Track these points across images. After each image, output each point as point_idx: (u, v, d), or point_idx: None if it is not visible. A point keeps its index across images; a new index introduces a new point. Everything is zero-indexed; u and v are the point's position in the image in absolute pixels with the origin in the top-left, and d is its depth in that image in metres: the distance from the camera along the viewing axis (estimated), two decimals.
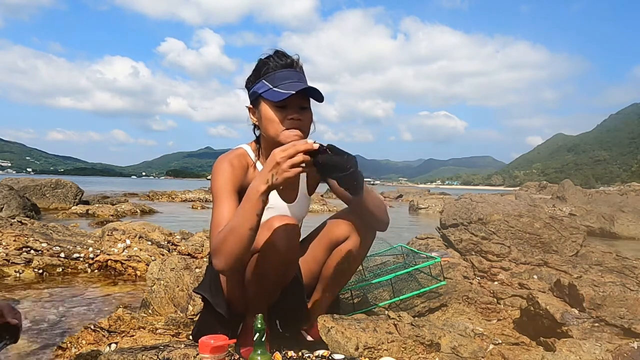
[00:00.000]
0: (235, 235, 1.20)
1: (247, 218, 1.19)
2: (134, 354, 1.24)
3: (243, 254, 1.22)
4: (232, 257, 1.21)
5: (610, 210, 8.28)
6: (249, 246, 1.22)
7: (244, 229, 1.19)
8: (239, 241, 1.20)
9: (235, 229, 1.21)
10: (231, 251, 1.21)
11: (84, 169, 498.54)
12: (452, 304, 2.19)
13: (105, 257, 3.30)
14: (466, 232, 3.56)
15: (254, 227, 1.19)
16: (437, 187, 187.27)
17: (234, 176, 1.38)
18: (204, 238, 3.96)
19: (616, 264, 3.12)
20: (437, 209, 11.66)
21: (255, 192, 1.17)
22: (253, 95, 1.43)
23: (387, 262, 2.65)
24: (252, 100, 1.45)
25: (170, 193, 15.18)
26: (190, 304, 2.01)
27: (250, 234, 1.20)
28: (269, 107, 1.37)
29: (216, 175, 1.38)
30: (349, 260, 1.54)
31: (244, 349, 1.38)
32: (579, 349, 1.55)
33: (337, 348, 1.38)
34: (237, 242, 1.20)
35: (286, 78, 1.37)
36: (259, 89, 1.39)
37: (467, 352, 1.55)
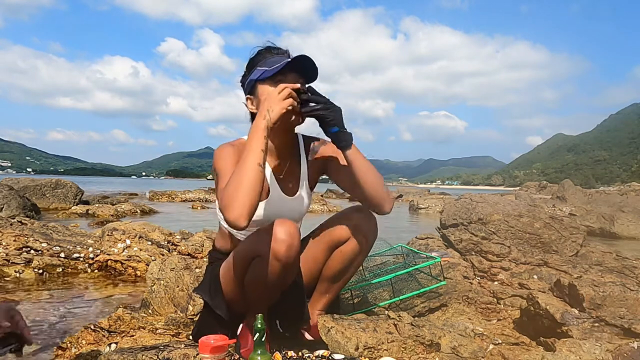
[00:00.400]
0: (245, 174, 1.21)
1: (253, 155, 1.23)
2: (134, 354, 1.25)
3: (255, 196, 1.20)
4: (245, 201, 1.18)
5: (610, 210, 8.28)
6: (259, 185, 1.21)
7: (252, 166, 1.21)
8: (250, 179, 1.20)
9: (243, 168, 1.22)
10: (243, 194, 1.19)
11: (84, 169, 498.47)
12: (452, 304, 2.19)
13: (105, 257, 3.30)
14: (466, 232, 3.56)
15: (262, 162, 1.22)
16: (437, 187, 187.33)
17: (237, 157, 1.37)
18: (204, 238, 3.96)
19: (616, 264, 3.12)
20: (437, 209, 11.66)
21: (255, 129, 1.26)
22: (249, 84, 1.45)
23: (387, 262, 2.65)
24: (249, 91, 1.47)
25: (170, 193, 15.17)
26: (190, 304, 2.01)
27: (259, 170, 1.21)
28: (267, 87, 1.39)
29: (219, 156, 1.39)
30: (349, 261, 1.54)
31: (244, 349, 1.38)
32: (579, 349, 1.55)
33: (337, 348, 1.38)
34: (247, 181, 1.20)
35: (279, 60, 1.40)
36: (255, 76, 1.42)
37: (467, 352, 1.55)
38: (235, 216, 1.18)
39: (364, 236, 1.50)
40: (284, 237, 1.25)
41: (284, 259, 1.27)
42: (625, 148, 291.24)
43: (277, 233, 1.26)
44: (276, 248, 1.25)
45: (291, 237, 1.26)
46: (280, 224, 1.28)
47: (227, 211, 1.19)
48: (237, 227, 1.19)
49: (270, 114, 1.26)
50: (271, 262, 1.27)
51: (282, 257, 1.26)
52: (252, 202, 1.19)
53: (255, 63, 1.45)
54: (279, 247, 1.25)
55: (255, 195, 1.20)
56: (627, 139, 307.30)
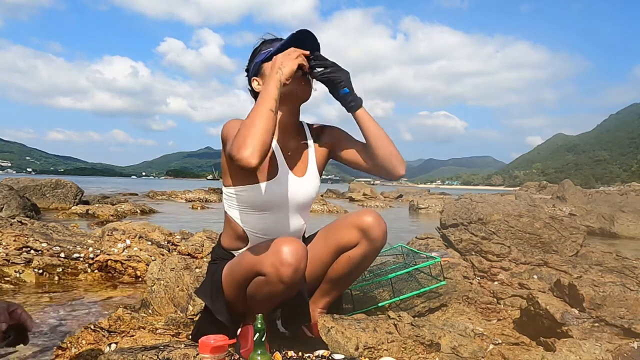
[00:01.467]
0: (258, 117, 1.22)
1: (267, 101, 1.25)
2: (134, 354, 1.24)
3: (268, 138, 1.21)
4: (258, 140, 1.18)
5: (610, 210, 8.28)
6: (272, 128, 1.22)
7: (265, 109, 1.23)
8: (263, 121, 1.21)
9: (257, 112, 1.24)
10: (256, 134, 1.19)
11: (84, 169, 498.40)
12: (452, 304, 2.19)
13: (105, 257, 3.30)
14: (466, 232, 3.56)
15: (274, 109, 1.24)
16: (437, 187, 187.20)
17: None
18: (204, 238, 3.96)
19: (616, 264, 3.12)
20: (437, 209, 11.65)
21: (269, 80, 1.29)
22: (255, 67, 1.48)
23: (387, 262, 2.65)
24: (254, 73, 1.49)
25: (170, 193, 15.17)
26: (190, 304, 2.01)
27: (272, 114, 1.23)
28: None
29: (228, 126, 1.40)
30: (356, 266, 1.53)
31: (244, 349, 1.38)
32: (579, 349, 1.55)
33: (337, 348, 1.38)
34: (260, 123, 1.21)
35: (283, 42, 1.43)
36: (260, 58, 1.46)
37: (467, 352, 1.55)
38: (248, 154, 1.17)
39: (372, 242, 1.48)
40: (291, 260, 1.23)
41: (290, 282, 1.25)
42: (625, 148, 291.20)
43: (284, 254, 1.23)
44: (282, 271, 1.23)
45: (298, 261, 1.24)
46: (287, 243, 1.25)
47: (240, 150, 1.17)
48: (249, 165, 1.17)
49: (283, 69, 1.29)
50: (276, 283, 1.26)
51: (287, 280, 1.24)
52: (265, 141, 1.19)
53: (259, 50, 1.48)
54: (285, 270, 1.23)
55: (268, 136, 1.20)
56: (627, 139, 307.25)
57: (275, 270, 1.24)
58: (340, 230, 1.51)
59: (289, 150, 1.49)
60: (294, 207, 1.49)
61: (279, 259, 1.23)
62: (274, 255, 1.25)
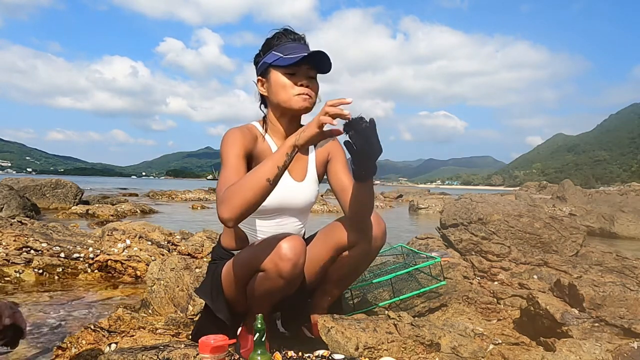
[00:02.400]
0: (251, 182, 1.19)
1: (267, 168, 1.19)
2: (134, 354, 1.24)
3: (252, 204, 1.18)
4: (240, 206, 1.17)
5: (610, 210, 8.28)
6: (260, 197, 1.19)
7: (259, 178, 1.19)
8: (253, 188, 1.18)
9: (252, 177, 1.20)
10: (241, 198, 1.17)
11: (84, 169, 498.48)
12: (452, 304, 2.19)
13: (105, 257, 3.30)
14: (466, 232, 3.56)
15: (272, 179, 1.19)
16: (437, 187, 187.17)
17: (244, 141, 1.39)
18: (204, 238, 3.96)
19: (616, 264, 3.12)
20: (437, 209, 11.65)
21: (283, 147, 1.20)
22: (263, 66, 1.46)
23: (387, 262, 2.65)
24: (261, 72, 1.48)
25: (170, 193, 15.17)
26: (190, 304, 2.01)
27: (266, 185, 1.18)
28: (280, 74, 1.41)
29: (226, 141, 1.39)
30: (356, 266, 1.53)
31: (244, 349, 1.38)
32: (579, 349, 1.55)
33: (337, 348, 1.38)
34: (250, 189, 1.18)
35: (295, 48, 1.41)
36: (269, 59, 1.43)
37: (467, 352, 1.55)
38: (227, 216, 1.17)
39: (372, 242, 1.48)
40: (289, 255, 1.24)
41: (289, 277, 1.26)
42: (625, 148, 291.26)
43: (282, 250, 1.24)
44: (281, 266, 1.24)
45: (297, 256, 1.25)
46: (286, 240, 1.26)
47: (221, 207, 1.19)
48: (224, 224, 1.20)
49: (301, 135, 1.18)
50: (275, 279, 1.27)
51: (286, 276, 1.25)
52: (246, 208, 1.18)
53: (271, 45, 1.45)
54: (284, 265, 1.24)
55: (251, 205, 1.18)
56: (627, 139, 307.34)
57: (274, 265, 1.25)
58: (339, 230, 1.51)
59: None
60: (292, 211, 1.51)
61: (278, 254, 1.25)
62: (273, 251, 1.26)
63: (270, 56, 1.43)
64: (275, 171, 1.19)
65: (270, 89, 1.45)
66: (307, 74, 1.41)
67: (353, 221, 1.45)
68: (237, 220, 1.19)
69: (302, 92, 1.40)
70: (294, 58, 1.36)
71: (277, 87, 1.42)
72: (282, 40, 1.43)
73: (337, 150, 1.56)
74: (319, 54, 1.36)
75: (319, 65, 1.42)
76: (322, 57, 1.38)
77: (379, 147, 1.19)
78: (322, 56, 1.37)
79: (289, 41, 1.43)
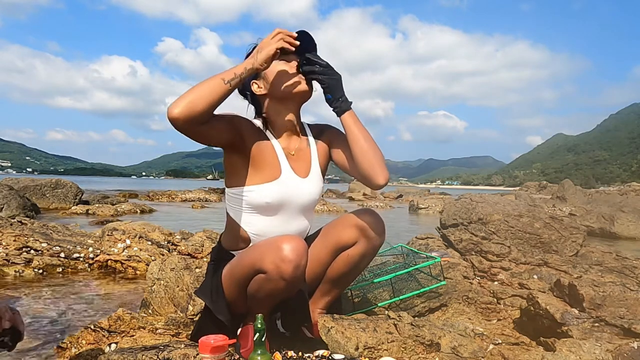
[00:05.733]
0: (206, 81, 1.22)
1: (225, 72, 1.25)
2: (134, 354, 1.24)
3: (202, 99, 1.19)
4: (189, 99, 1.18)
5: (610, 210, 8.27)
6: (215, 93, 1.21)
7: (216, 77, 1.23)
8: (207, 85, 1.21)
9: (209, 78, 1.24)
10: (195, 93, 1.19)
11: (84, 169, 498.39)
12: (452, 304, 2.19)
13: (105, 257, 3.30)
14: (466, 232, 3.56)
15: (227, 79, 1.23)
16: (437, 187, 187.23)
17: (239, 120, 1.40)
18: (204, 238, 3.95)
19: (616, 264, 3.12)
20: (437, 209, 11.65)
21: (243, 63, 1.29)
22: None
23: (387, 262, 2.65)
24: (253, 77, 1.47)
25: (170, 193, 15.17)
26: (190, 304, 2.01)
27: (222, 83, 1.22)
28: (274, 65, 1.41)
29: None
30: (355, 265, 1.53)
31: (244, 349, 1.38)
32: (579, 349, 1.55)
33: (337, 348, 1.38)
34: (203, 85, 1.21)
35: None
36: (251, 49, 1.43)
37: (467, 352, 1.55)
38: (172, 105, 1.18)
39: (371, 240, 1.48)
40: (292, 257, 1.23)
41: (290, 279, 1.25)
42: (625, 148, 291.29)
43: (284, 251, 1.24)
44: (283, 268, 1.23)
45: (299, 257, 1.24)
46: (287, 241, 1.26)
47: (173, 103, 1.19)
48: (168, 115, 1.17)
49: (259, 53, 1.27)
50: (277, 280, 1.26)
51: (288, 277, 1.25)
52: (194, 100, 1.18)
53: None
54: (286, 267, 1.23)
55: (201, 98, 1.19)
56: (627, 139, 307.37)
57: (276, 267, 1.24)
58: (339, 229, 1.51)
59: (291, 152, 1.48)
60: (297, 209, 1.49)
61: (279, 256, 1.24)
62: (274, 253, 1.25)
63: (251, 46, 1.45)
64: (232, 76, 1.24)
65: (267, 82, 1.44)
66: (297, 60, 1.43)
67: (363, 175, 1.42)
68: (185, 113, 1.17)
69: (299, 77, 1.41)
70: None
71: (276, 75, 1.42)
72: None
73: (335, 133, 1.57)
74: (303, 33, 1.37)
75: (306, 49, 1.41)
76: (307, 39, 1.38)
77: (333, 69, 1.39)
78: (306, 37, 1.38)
79: None
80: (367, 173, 1.40)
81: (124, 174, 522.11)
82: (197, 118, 1.19)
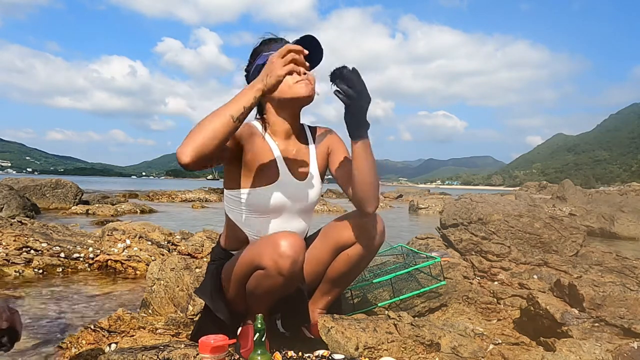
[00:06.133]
0: (212, 118, 1.17)
1: (232, 105, 1.18)
2: (134, 354, 1.25)
3: (211, 141, 1.15)
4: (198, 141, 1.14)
5: (610, 210, 8.27)
6: (223, 133, 1.16)
7: (224, 113, 1.17)
8: (214, 125, 1.15)
9: (215, 113, 1.18)
10: (201, 134, 1.14)
11: (84, 169, 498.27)
12: (452, 304, 2.19)
13: (105, 257, 3.30)
14: (466, 232, 3.56)
15: (236, 116, 1.17)
16: (437, 187, 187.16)
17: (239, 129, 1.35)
18: (204, 238, 3.96)
19: (616, 264, 3.12)
20: (437, 209, 11.65)
21: (250, 87, 1.21)
22: (255, 69, 1.45)
23: (387, 262, 2.65)
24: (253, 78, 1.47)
25: (170, 193, 15.17)
26: (190, 304, 2.01)
27: (230, 121, 1.17)
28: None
29: None
30: (355, 264, 1.53)
31: (244, 349, 1.38)
32: (579, 349, 1.55)
33: (337, 348, 1.38)
34: (211, 124, 1.16)
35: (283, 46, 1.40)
36: (261, 61, 1.43)
37: (467, 352, 1.55)
38: (184, 150, 1.14)
39: (371, 240, 1.48)
40: (289, 252, 1.24)
41: (288, 275, 1.26)
42: (625, 148, 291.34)
43: (282, 247, 1.24)
44: (281, 263, 1.24)
45: (296, 253, 1.25)
46: (285, 237, 1.26)
47: (181, 145, 1.15)
48: (180, 162, 1.14)
49: (268, 79, 1.19)
50: (275, 276, 1.26)
51: (286, 273, 1.25)
52: (205, 144, 1.14)
53: (259, 51, 1.46)
54: (283, 262, 1.24)
55: (212, 141, 1.15)
56: (627, 139, 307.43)
57: (274, 263, 1.25)
58: (338, 229, 1.51)
59: (290, 154, 1.48)
60: (295, 211, 1.49)
61: (277, 251, 1.24)
62: (272, 248, 1.25)
63: (261, 58, 1.44)
64: (241, 110, 1.18)
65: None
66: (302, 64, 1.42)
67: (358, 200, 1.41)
68: (194, 156, 1.14)
69: (301, 79, 1.39)
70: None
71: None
72: (270, 44, 1.45)
73: (337, 143, 1.56)
74: (308, 38, 1.35)
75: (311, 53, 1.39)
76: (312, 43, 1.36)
77: (366, 93, 1.23)
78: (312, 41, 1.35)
79: (275, 43, 1.44)
80: (360, 201, 1.41)
81: (123, 174, 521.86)
82: (207, 159, 1.18)
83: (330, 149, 1.56)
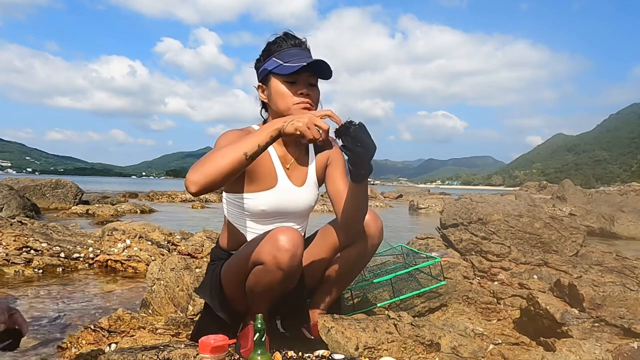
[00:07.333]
0: (226, 152, 1.17)
1: (247, 142, 1.18)
2: (134, 354, 1.25)
3: (224, 174, 1.15)
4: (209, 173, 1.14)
5: (610, 210, 8.27)
6: (233, 169, 1.16)
7: (238, 149, 1.17)
8: (228, 158, 1.15)
9: (229, 147, 1.18)
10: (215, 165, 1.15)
11: (84, 169, 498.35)
12: (452, 304, 2.19)
13: (105, 257, 3.30)
14: (466, 232, 3.56)
15: (250, 154, 1.17)
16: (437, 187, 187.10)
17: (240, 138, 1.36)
18: (204, 238, 3.96)
19: (616, 264, 3.12)
20: (437, 209, 11.65)
21: (268, 126, 1.20)
22: (263, 72, 1.45)
23: (387, 262, 2.65)
24: (261, 78, 1.47)
25: (170, 193, 15.17)
26: (190, 304, 2.01)
27: (243, 159, 1.16)
28: (280, 83, 1.39)
29: (222, 135, 1.38)
30: (354, 264, 1.54)
31: (244, 349, 1.38)
32: (579, 349, 1.55)
33: (337, 348, 1.38)
34: (223, 158, 1.16)
35: (296, 55, 1.39)
36: (269, 66, 1.41)
37: (467, 352, 1.55)
38: (193, 180, 1.14)
39: (369, 239, 1.49)
40: (288, 246, 1.24)
41: (287, 269, 1.26)
42: (625, 148, 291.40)
43: (280, 242, 1.25)
44: (280, 257, 1.24)
45: (295, 247, 1.25)
46: (284, 232, 1.27)
47: (192, 171, 1.16)
48: (187, 189, 1.15)
49: (288, 126, 1.17)
50: (274, 271, 1.27)
51: (285, 267, 1.25)
52: (216, 176, 1.15)
53: (271, 51, 1.43)
54: (282, 256, 1.24)
55: (222, 174, 1.15)
56: (627, 139, 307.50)
57: (272, 257, 1.25)
58: (337, 229, 1.52)
59: (288, 160, 1.50)
60: (292, 216, 1.51)
61: (276, 246, 1.25)
62: (270, 243, 1.26)
63: (270, 63, 1.41)
64: (255, 148, 1.17)
65: (270, 97, 1.44)
66: (308, 81, 1.40)
67: (346, 226, 1.46)
68: (203, 187, 1.14)
69: (302, 102, 1.38)
70: (294, 67, 1.35)
71: (277, 96, 1.40)
72: (283, 45, 1.41)
73: (337, 156, 1.56)
74: (319, 62, 1.35)
75: (320, 71, 1.40)
76: (322, 65, 1.36)
77: (372, 146, 1.21)
78: (322, 64, 1.36)
79: (289, 47, 1.41)
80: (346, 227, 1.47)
81: (123, 174, 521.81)
82: (213, 189, 1.19)
83: (330, 160, 1.56)
